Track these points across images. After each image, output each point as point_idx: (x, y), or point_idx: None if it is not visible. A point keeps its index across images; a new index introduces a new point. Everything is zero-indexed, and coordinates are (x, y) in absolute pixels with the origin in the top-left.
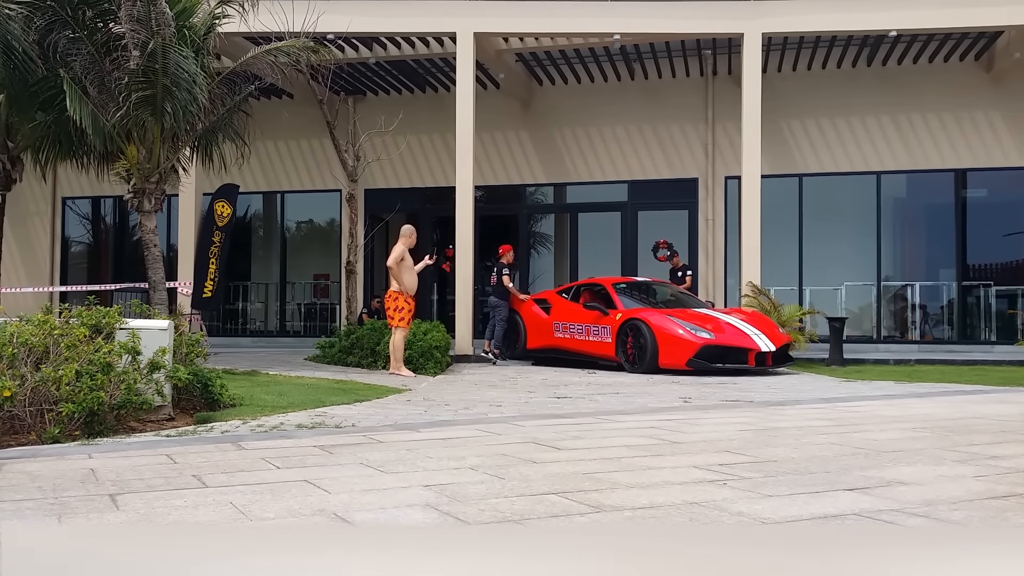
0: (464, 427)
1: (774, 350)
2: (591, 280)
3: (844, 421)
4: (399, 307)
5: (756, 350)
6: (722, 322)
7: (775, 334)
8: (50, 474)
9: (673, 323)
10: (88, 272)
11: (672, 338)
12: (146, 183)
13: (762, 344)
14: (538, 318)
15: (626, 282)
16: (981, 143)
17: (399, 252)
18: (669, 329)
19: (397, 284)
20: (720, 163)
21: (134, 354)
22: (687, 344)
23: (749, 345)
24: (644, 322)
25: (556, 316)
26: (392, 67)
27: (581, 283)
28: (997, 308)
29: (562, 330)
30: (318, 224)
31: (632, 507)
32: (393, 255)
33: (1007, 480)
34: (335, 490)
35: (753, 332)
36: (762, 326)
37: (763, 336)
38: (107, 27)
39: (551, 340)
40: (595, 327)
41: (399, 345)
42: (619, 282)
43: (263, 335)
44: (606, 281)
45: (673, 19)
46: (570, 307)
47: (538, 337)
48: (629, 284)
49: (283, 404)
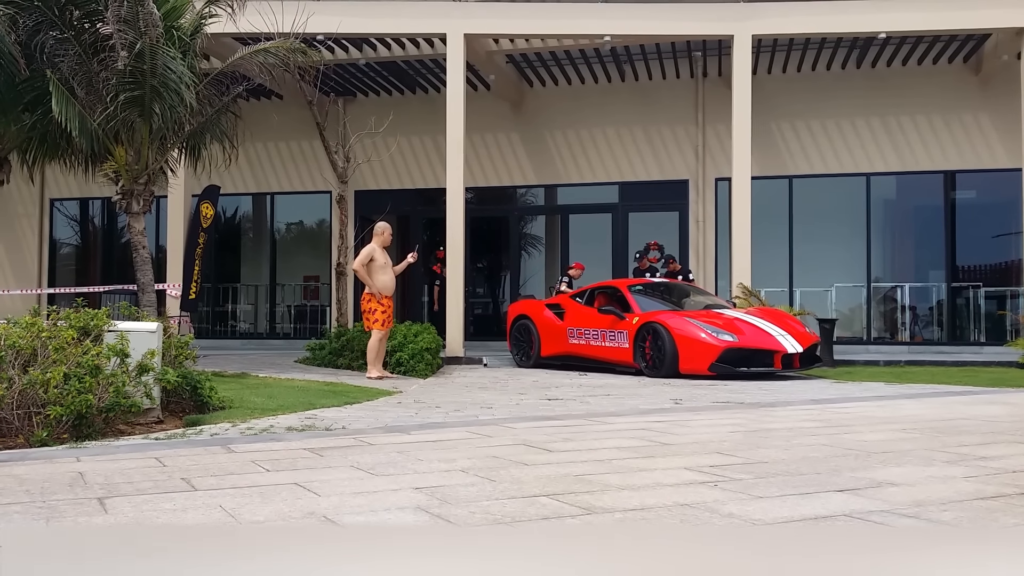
0: (455, 429)
1: (801, 351)
2: (605, 283)
3: (834, 422)
4: (372, 309)
5: (782, 352)
6: (745, 323)
7: (801, 334)
8: (38, 477)
9: (693, 326)
10: (76, 274)
11: (693, 342)
12: (134, 184)
13: (788, 345)
14: (552, 324)
15: (642, 284)
16: (970, 145)
17: (366, 253)
18: (689, 332)
19: (368, 286)
20: (710, 165)
21: (122, 356)
22: (709, 348)
23: (774, 347)
24: (663, 325)
25: (570, 322)
26: (382, 68)
27: (595, 286)
28: (986, 309)
29: (577, 336)
30: (308, 226)
31: (623, 509)
32: (359, 257)
33: (996, 481)
34: (325, 493)
35: (778, 333)
36: (787, 327)
37: (789, 337)
38: (94, 27)
39: (566, 347)
40: (611, 332)
41: (373, 347)
42: (634, 284)
43: (253, 337)
44: (621, 283)
45: (663, 21)
46: (584, 312)
47: (552, 344)
48: (645, 285)
49: (273, 407)
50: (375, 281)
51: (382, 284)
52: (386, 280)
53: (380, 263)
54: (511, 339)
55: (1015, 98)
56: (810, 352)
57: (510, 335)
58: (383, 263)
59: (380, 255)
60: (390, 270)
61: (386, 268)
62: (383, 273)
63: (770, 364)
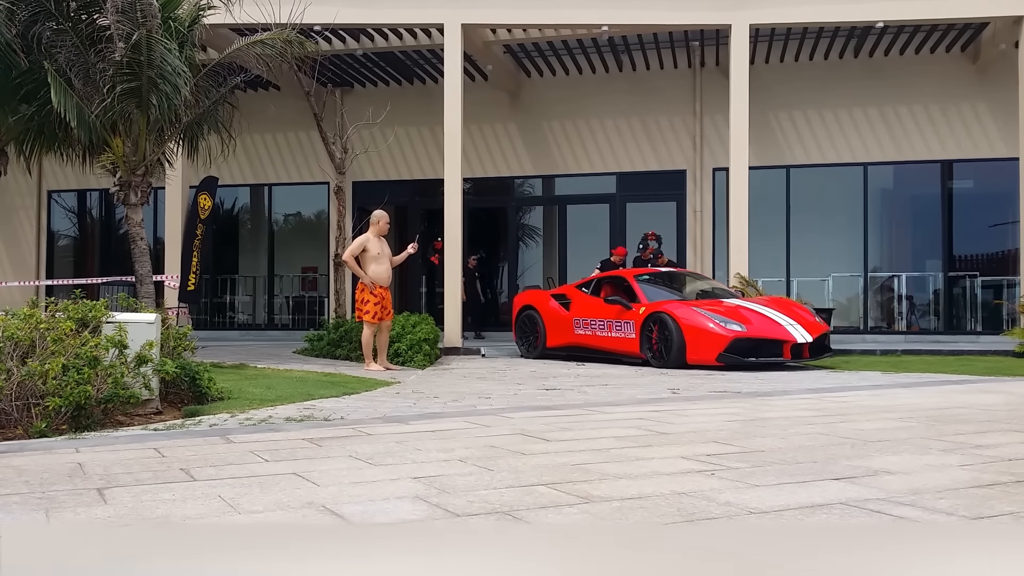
0: (453, 419)
1: (811, 341)
2: (612, 272)
3: (831, 411)
4: (364, 300)
5: (792, 342)
6: (754, 312)
7: (811, 324)
8: (37, 468)
9: (701, 315)
10: (74, 266)
11: (700, 331)
12: (132, 176)
13: (798, 335)
14: (557, 315)
15: (649, 273)
16: (967, 134)
17: (357, 244)
18: (697, 322)
19: (360, 277)
20: (708, 155)
21: (121, 348)
22: (717, 338)
23: (784, 336)
24: (670, 315)
25: (576, 312)
26: (379, 59)
27: (601, 276)
28: (983, 298)
29: (583, 327)
30: (306, 217)
31: (621, 497)
32: (349, 248)
33: (992, 469)
34: (324, 483)
35: (788, 323)
36: (797, 316)
37: (798, 326)
38: (92, 18)
39: (571, 338)
40: (617, 322)
41: (366, 340)
42: (641, 273)
43: (251, 328)
44: (628, 273)
45: (661, 10)
46: (590, 302)
47: (558, 335)
48: (652, 275)
49: (271, 397)
50: (367, 271)
51: (375, 274)
52: (380, 270)
53: (373, 253)
54: (516, 330)
55: (1012, 87)
56: (820, 342)
57: (515, 326)
58: (377, 253)
59: (374, 245)
60: (385, 260)
61: (380, 258)
62: (377, 263)
63: (779, 354)
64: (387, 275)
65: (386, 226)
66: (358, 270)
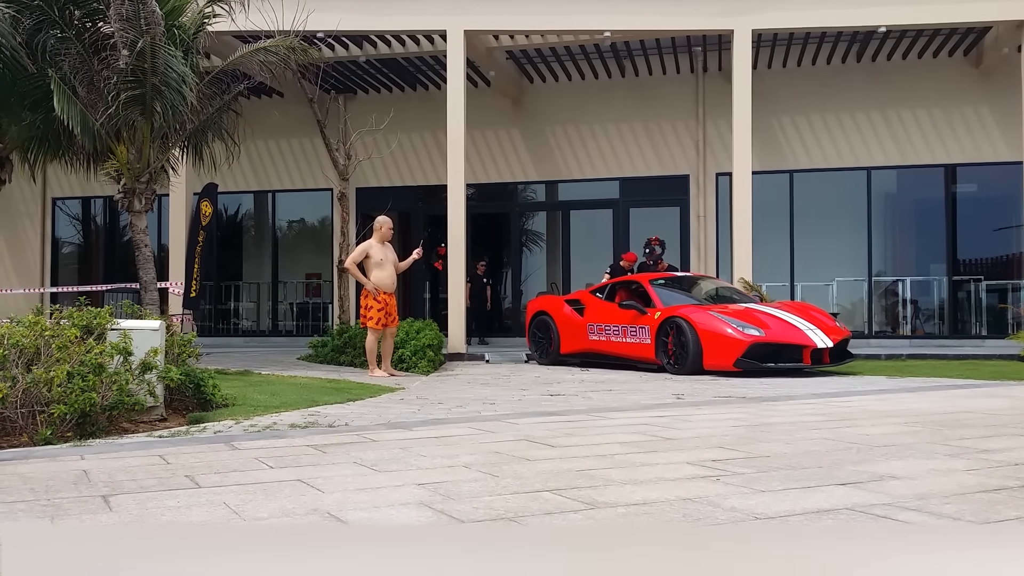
0: (457, 425)
1: (831, 346)
2: (627, 277)
3: (836, 416)
4: (368, 306)
5: (811, 347)
6: (772, 317)
7: (831, 328)
8: (42, 476)
9: (718, 320)
10: (79, 273)
11: (717, 336)
12: (136, 183)
13: (818, 340)
14: (571, 320)
15: (664, 277)
16: (971, 138)
17: (360, 251)
18: (714, 327)
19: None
20: (711, 160)
21: (126, 355)
22: (734, 343)
23: (803, 342)
24: (686, 320)
25: (590, 317)
26: (382, 65)
27: (616, 281)
28: (987, 302)
29: (597, 332)
30: (310, 223)
31: (626, 504)
32: (352, 255)
33: (998, 474)
34: (329, 489)
35: (807, 327)
36: (816, 320)
37: (818, 331)
38: (96, 26)
39: (586, 343)
40: (632, 327)
41: (371, 346)
42: (656, 278)
43: (255, 335)
44: (642, 278)
45: (663, 16)
46: (605, 307)
47: (572, 341)
48: (668, 280)
49: (276, 404)
50: (370, 278)
51: (378, 280)
52: (383, 276)
53: (377, 259)
54: (530, 336)
55: (1016, 91)
56: (841, 347)
57: (529, 332)
58: (380, 259)
59: (377, 251)
60: (389, 266)
61: (384, 264)
62: (380, 269)
63: (799, 360)
64: (391, 281)
65: (389, 232)
66: (360, 277)
